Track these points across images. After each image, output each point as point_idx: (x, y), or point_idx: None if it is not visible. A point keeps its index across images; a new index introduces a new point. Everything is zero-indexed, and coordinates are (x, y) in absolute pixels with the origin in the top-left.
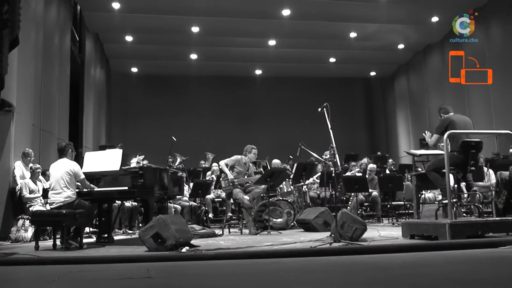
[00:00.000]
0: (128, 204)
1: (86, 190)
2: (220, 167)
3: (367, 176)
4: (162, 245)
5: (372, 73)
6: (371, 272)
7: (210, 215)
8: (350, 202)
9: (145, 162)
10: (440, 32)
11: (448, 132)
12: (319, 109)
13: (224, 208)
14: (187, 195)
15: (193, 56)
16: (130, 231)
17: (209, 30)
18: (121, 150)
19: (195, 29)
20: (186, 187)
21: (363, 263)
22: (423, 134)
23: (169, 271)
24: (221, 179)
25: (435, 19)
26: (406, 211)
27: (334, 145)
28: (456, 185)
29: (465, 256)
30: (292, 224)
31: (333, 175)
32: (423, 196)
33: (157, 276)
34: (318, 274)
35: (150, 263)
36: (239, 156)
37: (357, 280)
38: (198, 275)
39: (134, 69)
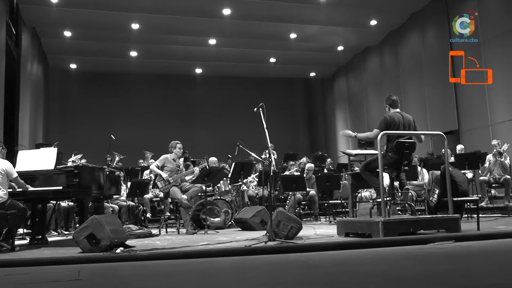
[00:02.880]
0: (64, 204)
1: (19, 190)
2: (152, 170)
3: (304, 175)
4: (97, 246)
5: (312, 74)
6: (301, 270)
7: (148, 215)
8: (288, 201)
9: (83, 161)
10: (379, 35)
11: (382, 133)
12: (255, 109)
13: (163, 207)
14: (125, 195)
15: (133, 54)
16: (66, 232)
17: (149, 28)
18: (55, 149)
19: (135, 26)
20: (123, 187)
21: (295, 261)
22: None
23: (101, 272)
24: (156, 180)
25: (373, 22)
26: (343, 210)
27: (269, 144)
28: (390, 184)
29: (396, 253)
30: (230, 223)
31: (271, 174)
32: (359, 194)
33: (86, 278)
34: (248, 272)
35: (83, 265)
36: (166, 155)
37: (286, 278)
38: (129, 276)
39: (73, 66)
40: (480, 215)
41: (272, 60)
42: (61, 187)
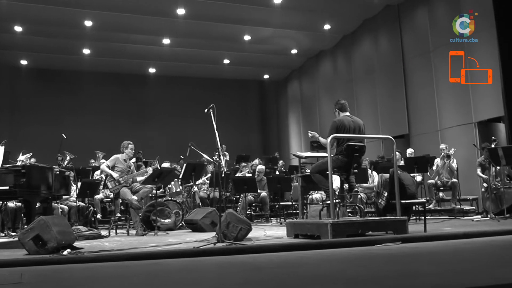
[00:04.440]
0: (11, 204)
1: None
2: (102, 170)
3: (256, 177)
4: (43, 248)
5: (266, 76)
6: (248, 272)
7: (99, 216)
8: (240, 203)
9: (32, 160)
10: (332, 39)
11: (331, 136)
12: (206, 110)
13: (113, 208)
14: (75, 195)
15: (86, 51)
16: (13, 234)
17: (102, 25)
18: (3, 147)
19: (88, 23)
20: (73, 187)
21: (243, 263)
22: (308, 133)
23: (45, 275)
24: (106, 181)
25: (327, 27)
26: (294, 211)
27: (219, 146)
28: (340, 186)
29: (342, 254)
30: (181, 224)
31: (223, 175)
32: (310, 196)
33: (29, 281)
34: (196, 274)
35: (28, 268)
36: (117, 155)
37: (232, 280)
38: (75, 278)
39: (24, 62)
40: (428, 217)
41: (226, 61)
42: (7, 187)
